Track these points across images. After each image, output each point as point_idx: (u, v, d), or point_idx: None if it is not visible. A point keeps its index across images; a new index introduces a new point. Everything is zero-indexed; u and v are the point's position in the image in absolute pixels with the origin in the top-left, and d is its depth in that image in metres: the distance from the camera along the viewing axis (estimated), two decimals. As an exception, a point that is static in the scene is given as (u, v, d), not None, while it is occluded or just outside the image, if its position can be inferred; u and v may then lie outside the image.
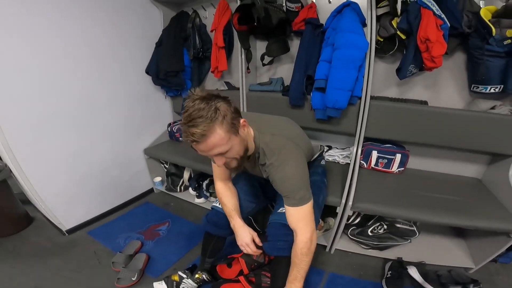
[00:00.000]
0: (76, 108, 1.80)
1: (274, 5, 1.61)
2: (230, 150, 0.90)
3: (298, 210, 1.01)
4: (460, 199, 1.46)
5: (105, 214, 2.14)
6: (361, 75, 1.49)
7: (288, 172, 1.00)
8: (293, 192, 1.00)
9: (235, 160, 0.97)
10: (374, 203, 1.44)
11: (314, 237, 1.03)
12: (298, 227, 1.02)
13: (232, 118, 0.88)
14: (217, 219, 1.28)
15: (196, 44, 2.07)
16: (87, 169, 1.95)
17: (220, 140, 0.85)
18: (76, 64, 1.75)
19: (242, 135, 0.95)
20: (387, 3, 1.38)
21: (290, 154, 1.03)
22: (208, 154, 0.90)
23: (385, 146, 1.70)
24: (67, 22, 1.65)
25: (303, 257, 1.01)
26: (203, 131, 0.81)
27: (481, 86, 1.41)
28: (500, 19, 1.29)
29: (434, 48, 1.27)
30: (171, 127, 2.43)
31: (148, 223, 2.04)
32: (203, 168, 1.96)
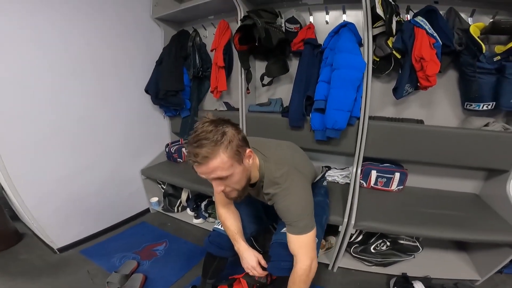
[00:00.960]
0: (76, 126, 1.79)
1: (274, 25, 1.66)
2: (231, 177, 0.88)
3: (300, 238, 0.99)
4: (461, 214, 1.48)
5: (99, 233, 2.07)
6: (359, 95, 1.52)
7: (293, 202, 1.00)
8: (296, 222, 0.99)
9: (235, 191, 0.96)
10: (376, 221, 1.44)
11: (314, 265, 1.02)
12: (299, 254, 1.00)
13: (237, 146, 0.87)
14: (220, 240, 1.26)
15: (196, 63, 2.10)
16: (83, 189, 1.91)
17: (221, 164, 0.83)
18: (79, 80, 1.74)
19: (246, 165, 0.93)
20: (382, 23, 1.44)
21: (294, 183, 1.02)
22: (207, 177, 0.88)
23: (384, 166, 1.72)
24: (72, 36, 1.66)
25: (301, 284, 1.00)
26: (207, 153, 0.81)
27: (474, 103, 1.46)
28: (488, 35, 1.37)
29: (428, 66, 1.33)
30: (169, 147, 2.40)
31: (144, 242, 1.98)
32: (201, 189, 1.93)
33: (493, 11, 1.42)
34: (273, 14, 1.72)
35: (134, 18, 2.04)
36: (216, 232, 1.29)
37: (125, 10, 1.96)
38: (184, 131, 2.26)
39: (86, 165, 1.90)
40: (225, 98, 2.28)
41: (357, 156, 1.65)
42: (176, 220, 2.29)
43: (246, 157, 0.92)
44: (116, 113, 2.03)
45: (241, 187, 0.95)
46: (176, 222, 2.26)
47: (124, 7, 1.95)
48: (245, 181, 0.95)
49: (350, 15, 1.66)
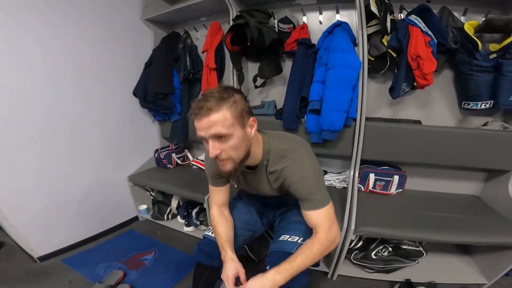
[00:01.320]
0: (55, 132, 1.70)
1: (267, 25, 1.63)
2: (229, 138, 0.83)
3: (320, 213, 0.93)
4: (463, 216, 1.45)
5: (83, 242, 1.97)
6: (355, 96, 1.48)
7: (306, 172, 0.94)
8: (313, 194, 0.93)
9: (231, 161, 0.88)
10: (377, 226, 1.39)
11: (338, 239, 0.96)
12: (323, 227, 0.93)
13: (242, 109, 0.85)
14: (210, 248, 1.17)
15: (186, 65, 2.04)
16: (65, 196, 1.82)
17: (223, 120, 0.80)
18: (59, 83, 1.67)
19: (247, 134, 0.88)
20: (376, 21, 1.41)
21: (302, 154, 0.97)
22: (205, 134, 0.82)
23: (382, 168, 1.68)
24: (51, 38, 1.60)
25: (317, 253, 0.90)
26: (211, 106, 0.79)
27: (472, 102, 1.44)
28: (482, 33, 1.36)
29: (425, 64, 1.30)
30: (158, 153, 2.31)
31: (132, 251, 1.88)
32: (192, 196, 1.85)
33: (485, 10, 1.41)
34: (266, 14, 1.69)
35: (122, 19, 1.98)
36: (206, 239, 1.21)
37: (113, 11, 1.90)
38: (174, 136, 2.17)
39: (67, 171, 1.81)
40: (217, 101, 2.22)
41: (354, 159, 1.60)
42: (166, 228, 2.19)
43: (249, 125, 0.89)
44: (101, 117, 1.94)
45: (238, 157, 0.88)
46: (166, 230, 2.16)
47: (112, 7, 1.90)
48: (243, 152, 0.89)
49: (344, 15, 1.64)
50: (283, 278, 0.87)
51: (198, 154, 2.45)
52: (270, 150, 0.98)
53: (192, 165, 2.29)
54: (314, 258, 0.91)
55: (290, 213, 1.23)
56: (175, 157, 2.29)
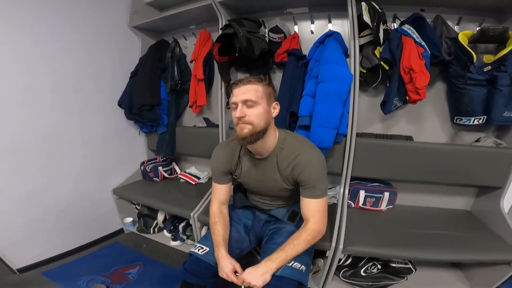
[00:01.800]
0: (34, 144, 1.65)
1: (257, 35, 1.58)
2: (256, 106, 0.99)
3: (319, 202, 1.05)
4: (454, 233, 1.42)
5: (64, 254, 1.90)
6: (346, 111, 1.43)
7: (316, 161, 1.06)
8: (319, 182, 1.04)
9: (250, 126, 0.99)
10: (366, 244, 1.35)
11: (322, 234, 1.07)
12: (315, 217, 1.05)
13: (271, 92, 1.07)
14: (195, 267, 1.13)
15: (174, 75, 1.97)
16: (44, 209, 1.76)
17: (255, 90, 1.00)
18: (37, 93, 1.61)
19: (270, 111, 1.05)
20: (369, 31, 1.37)
21: (314, 148, 1.11)
22: (239, 99, 0.99)
23: (373, 185, 1.64)
24: (29, 46, 1.54)
25: (304, 243, 1.03)
26: (250, 79, 1.02)
27: (465, 118, 1.40)
28: (476, 44, 1.32)
29: (418, 78, 1.26)
30: (145, 166, 2.23)
31: (116, 265, 1.81)
32: (178, 212, 1.78)
33: (479, 19, 1.40)
34: (256, 23, 1.65)
35: (108, 26, 1.93)
36: (192, 257, 1.16)
37: (98, 17, 1.85)
38: (161, 149, 2.09)
39: (46, 184, 1.75)
40: (205, 113, 2.16)
41: (344, 176, 1.56)
42: (152, 241, 2.11)
43: (273, 106, 1.07)
44: (82, 129, 1.88)
45: (258, 125, 1.00)
46: (152, 244, 2.09)
47: (97, 14, 1.84)
48: (263, 123, 1.01)
49: (336, 24, 1.61)
50: (275, 264, 0.99)
51: (186, 167, 2.38)
52: (285, 140, 1.11)
53: (179, 179, 2.22)
54: (301, 246, 1.03)
55: (277, 234, 1.21)
56: (161, 170, 2.21)
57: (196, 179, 2.14)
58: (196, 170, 2.31)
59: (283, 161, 1.09)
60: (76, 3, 1.71)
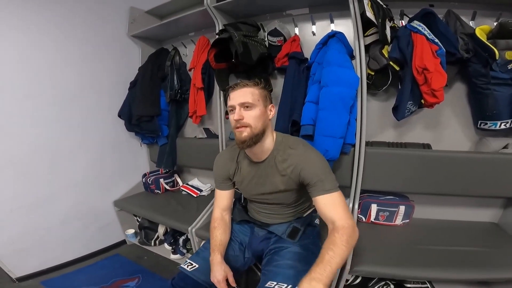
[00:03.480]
0: (34, 155, 1.65)
1: (255, 39, 1.49)
2: (253, 108, 1.00)
3: (333, 196, 0.95)
4: (479, 249, 1.25)
5: (64, 264, 1.89)
6: (353, 118, 1.31)
7: (315, 155, 1.04)
8: (325, 174, 0.99)
9: (248, 129, 0.99)
10: (377, 264, 1.20)
11: (355, 225, 0.92)
12: (339, 214, 0.92)
13: (267, 95, 1.08)
14: (184, 284, 1.08)
15: (174, 84, 1.90)
16: (43, 221, 1.75)
17: (252, 93, 1.01)
18: (37, 105, 1.62)
19: (267, 114, 1.05)
20: (375, 30, 1.25)
21: (312, 148, 1.09)
22: (235, 102, 1.00)
23: (386, 198, 1.48)
24: (28, 56, 1.55)
25: (343, 246, 0.83)
26: (247, 83, 1.03)
27: (490, 122, 1.25)
28: (496, 40, 1.17)
29: (433, 79, 1.13)
30: (146, 178, 2.18)
31: (115, 277, 1.77)
32: (177, 226, 1.71)
33: (496, 13, 1.26)
34: (254, 27, 1.56)
35: (107, 35, 1.91)
36: (181, 274, 1.11)
37: (96, 27, 1.84)
38: (161, 161, 2.03)
39: (46, 196, 1.74)
40: (206, 124, 2.08)
41: (353, 189, 1.42)
42: (153, 253, 2.05)
43: (269, 108, 1.07)
44: (83, 140, 1.86)
45: (256, 127, 1.00)
46: (153, 256, 2.03)
47: (96, 23, 1.83)
48: (260, 125, 1.01)
49: (339, 24, 1.49)
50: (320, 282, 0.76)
51: (188, 179, 2.31)
52: (282, 141, 1.10)
53: (181, 191, 2.15)
54: (342, 251, 0.83)
55: (279, 255, 1.10)
56: (163, 182, 2.15)
57: (197, 191, 2.06)
58: (199, 182, 2.23)
59: (282, 163, 1.06)
60: (74, 14, 1.71)
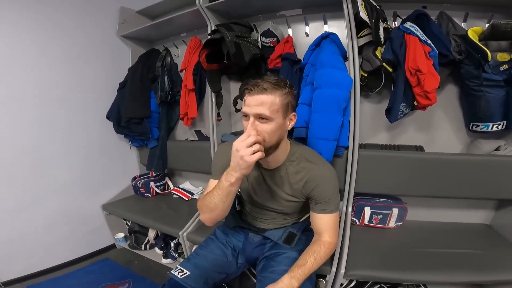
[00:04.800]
0: (16, 159, 1.60)
1: (248, 40, 1.47)
2: (269, 122, 0.87)
3: (332, 217, 1.01)
4: (473, 251, 1.26)
5: (51, 269, 1.84)
6: (346, 120, 1.29)
7: (330, 174, 1.01)
8: (333, 197, 1.00)
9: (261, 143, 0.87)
10: (371, 268, 1.19)
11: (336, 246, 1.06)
12: (328, 231, 1.01)
13: (290, 101, 0.92)
14: None
15: (164, 86, 1.86)
16: (27, 225, 1.70)
17: (271, 103, 0.85)
18: (19, 106, 1.57)
19: (285, 125, 0.94)
20: (368, 31, 1.24)
21: (326, 162, 1.06)
22: (251, 111, 0.86)
23: (379, 201, 1.47)
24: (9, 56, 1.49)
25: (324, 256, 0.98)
26: (267, 87, 0.84)
27: (482, 124, 1.26)
28: (488, 41, 1.18)
29: (426, 80, 1.12)
30: (136, 181, 2.13)
31: (103, 282, 1.73)
32: (167, 230, 1.67)
33: (487, 15, 1.28)
34: (247, 27, 1.53)
35: (96, 36, 1.87)
36: (172, 281, 1.04)
37: (86, 27, 1.80)
38: (151, 164, 1.98)
39: (29, 200, 1.69)
40: (198, 126, 2.04)
41: (347, 192, 1.41)
42: (144, 258, 1.99)
43: (289, 118, 0.95)
44: (69, 143, 1.81)
45: (269, 142, 0.89)
46: (144, 260, 1.97)
47: (85, 23, 1.79)
48: (275, 140, 0.91)
49: (332, 25, 1.48)
50: (297, 282, 0.91)
51: (180, 182, 2.26)
52: (296, 153, 1.04)
53: (172, 194, 2.11)
54: (321, 261, 0.98)
55: (275, 261, 1.08)
56: (153, 185, 2.10)
57: (189, 195, 2.02)
58: (191, 185, 2.19)
59: (294, 175, 1.02)
60: (60, 13, 1.66)
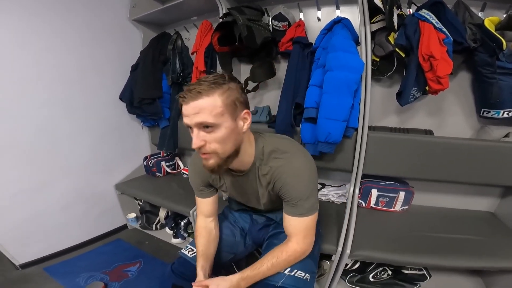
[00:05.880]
0: (33, 139, 1.63)
1: (259, 23, 1.47)
2: (216, 129, 0.74)
3: (303, 220, 0.87)
4: (475, 237, 1.28)
5: (66, 250, 1.89)
6: (356, 102, 1.30)
7: (300, 170, 0.85)
8: (302, 200, 0.85)
9: (215, 156, 0.78)
10: (376, 249, 1.23)
11: (309, 251, 0.92)
12: (297, 236, 0.89)
13: (236, 98, 0.76)
14: (183, 269, 1.05)
15: (176, 68, 1.89)
16: (45, 205, 1.74)
17: (212, 107, 0.71)
18: (36, 88, 1.59)
19: (238, 128, 0.79)
20: (381, 17, 1.24)
21: (299, 151, 0.90)
22: (191, 122, 0.73)
23: (386, 184, 1.50)
24: (28, 41, 1.51)
25: (284, 263, 0.90)
26: (201, 89, 0.71)
27: (493, 110, 1.25)
28: (504, 31, 1.16)
29: (439, 66, 1.12)
30: (147, 161, 2.18)
31: (116, 262, 1.79)
32: (178, 209, 1.72)
33: (506, 6, 1.25)
34: (259, 11, 1.53)
35: (108, 19, 1.88)
36: (181, 259, 1.09)
37: (97, 11, 1.80)
38: (163, 144, 2.03)
39: (46, 180, 1.73)
40: (208, 106, 2.08)
41: (354, 173, 1.43)
42: (154, 238, 2.07)
43: (241, 118, 0.79)
44: (84, 123, 1.85)
45: (224, 152, 0.78)
46: (154, 241, 2.05)
47: (98, 7, 1.80)
48: (230, 147, 0.79)
49: (345, 11, 1.47)
50: (246, 284, 0.87)
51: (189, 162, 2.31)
52: (264, 148, 0.89)
53: (182, 174, 2.16)
54: (280, 267, 0.90)
55: (277, 239, 1.10)
56: (164, 165, 2.16)
57: (199, 174, 2.07)
58: (200, 165, 2.24)
59: (263, 177, 0.91)
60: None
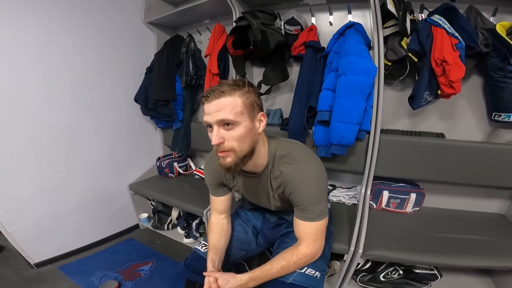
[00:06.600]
0: (52, 139, 1.67)
1: (272, 27, 1.50)
2: (235, 127, 0.79)
3: (313, 225, 0.90)
4: (485, 238, 1.30)
5: (81, 249, 1.93)
6: (369, 105, 1.32)
7: (311, 180, 0.88)
8: (313, 204, 0.88)
9: (232, 153, 0.82)
10: (388, 249, 1.25)
11: (318, 255, 0.95)
12: (307, 240, 0.92)
13: (254, 100, 0.83)
14: (197, 264, 1.08)
15: (189, 70, 1.93)
16: (62, 204, 1.79)
17: (232, 105, 0.78)
18: (55, 90, 1.64)
19: (255, 128, 0.85)
20: (394, 22, 1.26)
21: (310, 160, 0.92)
22: (212, 119, 0.79)
23: (398, 186, 1.52)
24: (47, 43, 1.56)
25: (294, 266, 0.92)
26: (224, 90, 0.77)
27: (504, 114, 1.27)
28: None
29: (452, 71, 1.14)
30: (160, 161, 2.23)
31: (129, 261, 1.83)
32: (191, 209, 1.75)
33: None
34: (271, 15, 1.56)
35: (123, 23, 1.92)
36: (195, 254, 1.12)
37: (113, 14, 1.85)
38: (176, 145, 2.07)
39: (64, 179, 1.77)
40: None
41: (366, 175, 1.45)
42: (166, 238, 2.11)
43: (258, 120, 0.86)
44: (99, 124, 1.89)
45: (241, 151, 0.82)
46: (166, 240, 2.09)
47: (112, 10, 1.84)
48: (247, 146, 0.83)
49: (356, 16, 1.49)
50: (254, 284, 0.90)
51: (201, 163, 2.36)
52: (276, 152, 0.93)
53: (194, 175, 2.20)
54: (289, 270, 0.92)
55: (289, 237, 1.13)
56: (177, 166, 2.20)
57: (210, 176, 2.11)
58: (212, 167, 2.28)
59: (275, 180, 0.95)
60: (89, 1, 1.71)
